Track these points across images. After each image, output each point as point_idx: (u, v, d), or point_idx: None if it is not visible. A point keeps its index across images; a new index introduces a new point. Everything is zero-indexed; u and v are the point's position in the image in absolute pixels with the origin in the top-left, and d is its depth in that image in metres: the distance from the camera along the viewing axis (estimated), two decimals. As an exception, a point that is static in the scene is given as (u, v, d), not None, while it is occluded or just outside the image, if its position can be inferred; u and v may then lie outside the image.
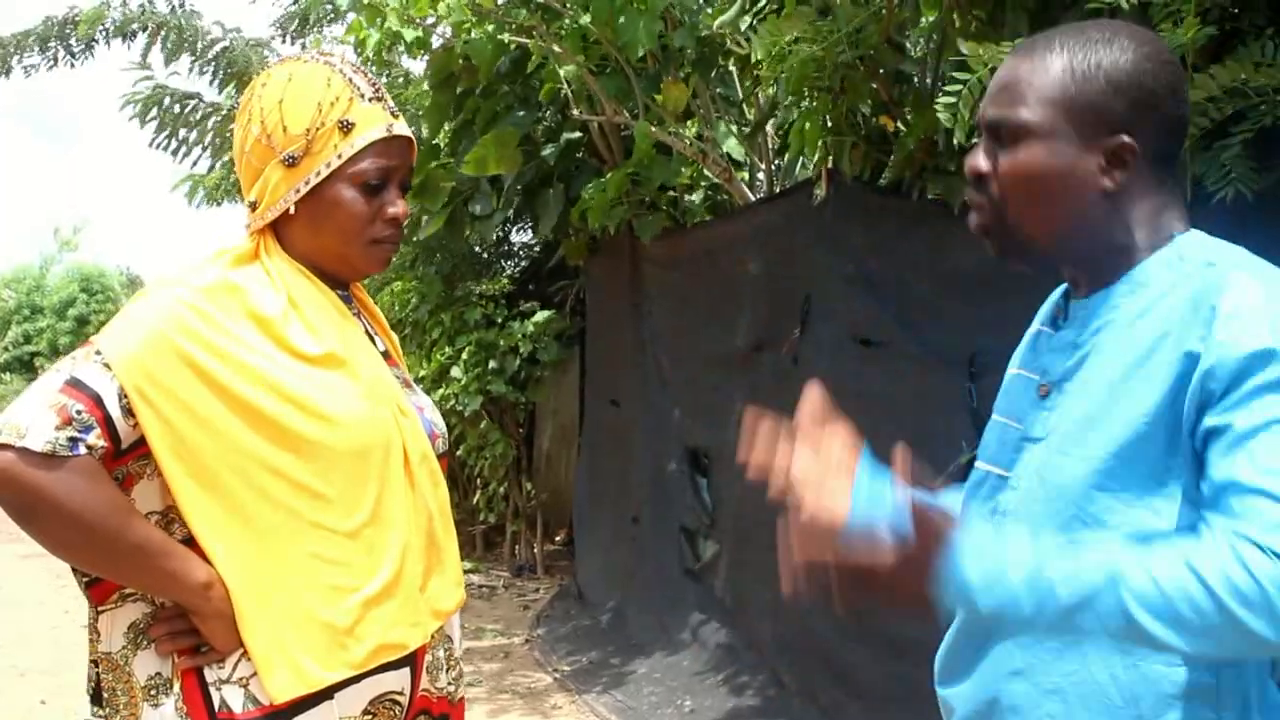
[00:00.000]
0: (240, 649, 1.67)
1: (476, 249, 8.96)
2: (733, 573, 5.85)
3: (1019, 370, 1.59)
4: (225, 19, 10.33)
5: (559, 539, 9.51)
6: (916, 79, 4.63)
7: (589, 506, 7.74)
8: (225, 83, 9.06)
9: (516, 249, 9.80)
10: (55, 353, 25.87)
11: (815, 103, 4.62)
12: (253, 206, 1.79)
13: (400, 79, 8.49)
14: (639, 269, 6.94)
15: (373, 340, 1.89)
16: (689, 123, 6.31)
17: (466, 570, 8.70)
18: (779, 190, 6.20)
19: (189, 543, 1.67)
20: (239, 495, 1.65)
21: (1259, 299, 1.32)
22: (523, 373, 8.29)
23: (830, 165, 4.82)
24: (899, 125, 4.50)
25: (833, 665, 4.79)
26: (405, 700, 1.79)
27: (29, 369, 27.01)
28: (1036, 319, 1.63)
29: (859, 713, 4.60)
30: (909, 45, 4.81)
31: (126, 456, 1.64)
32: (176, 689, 1.68)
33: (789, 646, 5.15)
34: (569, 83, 5.90)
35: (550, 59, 5.89)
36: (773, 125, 6.15)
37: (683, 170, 6.32)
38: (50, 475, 1.55)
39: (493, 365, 8.20)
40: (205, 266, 1.76)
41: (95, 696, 1.74)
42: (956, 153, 3.97)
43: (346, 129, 1.75)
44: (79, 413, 1.58)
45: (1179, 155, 1.52)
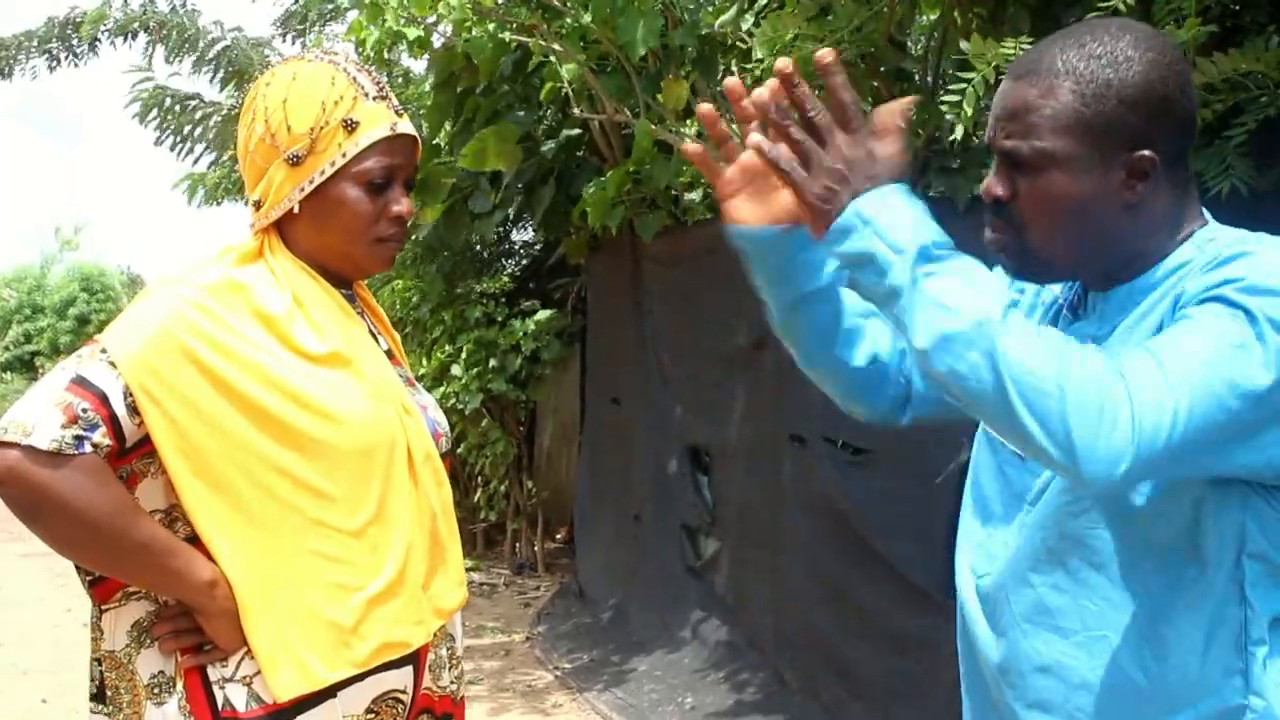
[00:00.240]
0: (244, 647, 1.67)
1: (477, 247, 8.96)
2: (734, 570, 5.86)
3: None
4: (225, 18, 10.30)
5: (560, 537, 9.51)
6: (917, 76, 4.64)
7: (590, 504, 7.74)
8: (226, 82, 9.06)
9: (517, 247, 9.79)
10: (56, 352, 25.87)
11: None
12: (257, 205, 1.79)
13: (400, 78, 8.49)
14: (640, 267, 6.94)
15: (376, 339, 1.89)
16: (689, 121, 6.31)
17: (467, 568, 8.65)
18: (779, 188, 6.18)
19: (193, 541, 1.67)
20: (243, 494, 1.65)
21: (1260, 255, 1.34)
22: (523, 371, 8.28)
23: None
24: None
25: (834, 662, 4.79)
26: (408, 699, 1.79)
27: (29, 368, 27.01)
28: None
29: (860, 710, 4.60)
30: (910, 43, 4.81)
31: (131, 455, 1.64)
32: (180, 687, 1.68)
33: (790, 643, 5.15)
34: (569, 81, 5.89)
35: (551, 58, 5.89)
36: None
37: (683, 168, 6.31)
38: (56, 473, 1.55)
39: (493, 363, 8.20)
40: (210, 265, 1.76)
41: (98, 695, 1.74)
42: (960, 149, 3.97)
43: (351, 128, 1.75)
44: (85, 411, 1.58)
45: (1190, 148, 1.52)
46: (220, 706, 1.67)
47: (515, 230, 9.41)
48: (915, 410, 1.74)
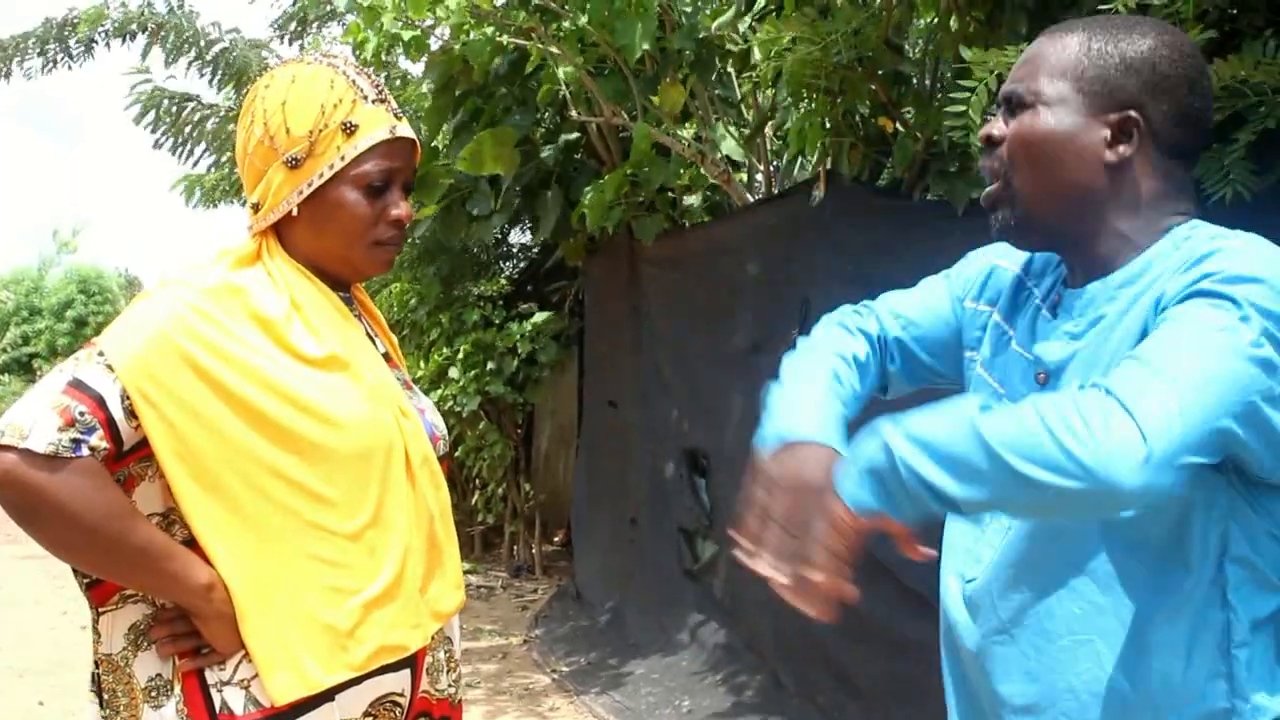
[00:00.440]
0: (241, 651, 1.67)
1: (475, 250, 8.96)
2: (731, 573, 5.85)
3: (1019, 349, 1.59)
4: (223, 19, 10.30)
5: (557, 540, 9.51)
6: (915, 80, 4.64)
7: (587, 507, 7.74)
8: (224, 83, 9.05)
9: (515, 250, 9.79)
10: (54, 354, 25.87)
11: (814, 104, 4.62)
12: (255, 208, 1.79)
13: (399, 80, 8.48)
14: (637, 270, 6.94)
15: (374, 342, 1.89)
16: (687, 124, 6.31)
17: (465, 571, 8.66)
18: (777, 191, 6.20)
19: (190, 544, 1.67)
20: (241, 497, 1.65)
21: (1234, 250, 1.36)
22: (521, 373, 8.28)
23: (829, 166, 4.83)
24: (898, 126, 4.50)
25: (831, 665, 4.79)
26: (405, 702, 1.79)
27: (27, 370, 27.00)
28: (1008, 259, 1.67)
29: (858, 712, 4.60)
30: (907, 46, 4.81)
31: (129, 458, 1.64)
32: (177, 690, 1.68)
33: (788, 647, 5.15)
34: (567, 84, 5.89)
35: (548, 61, 5.89)
36: (771, 127, 6.16)
37: (681, 171, 6.32)
38: (53, 477, 1.55)
39: (491, 366, 8.20)
40: (207, 268, 1.75)
41: (97, 698, 1.74)
42: (958, 154, 3.97)
43: (350, 131, 1.75)
44: (82, 414, 1.58)
45: (1195, 153, 1.54)
46: (218, 709, 1.66)
47: (513, 233, 9.40)
48: (894, 390, 1.83)
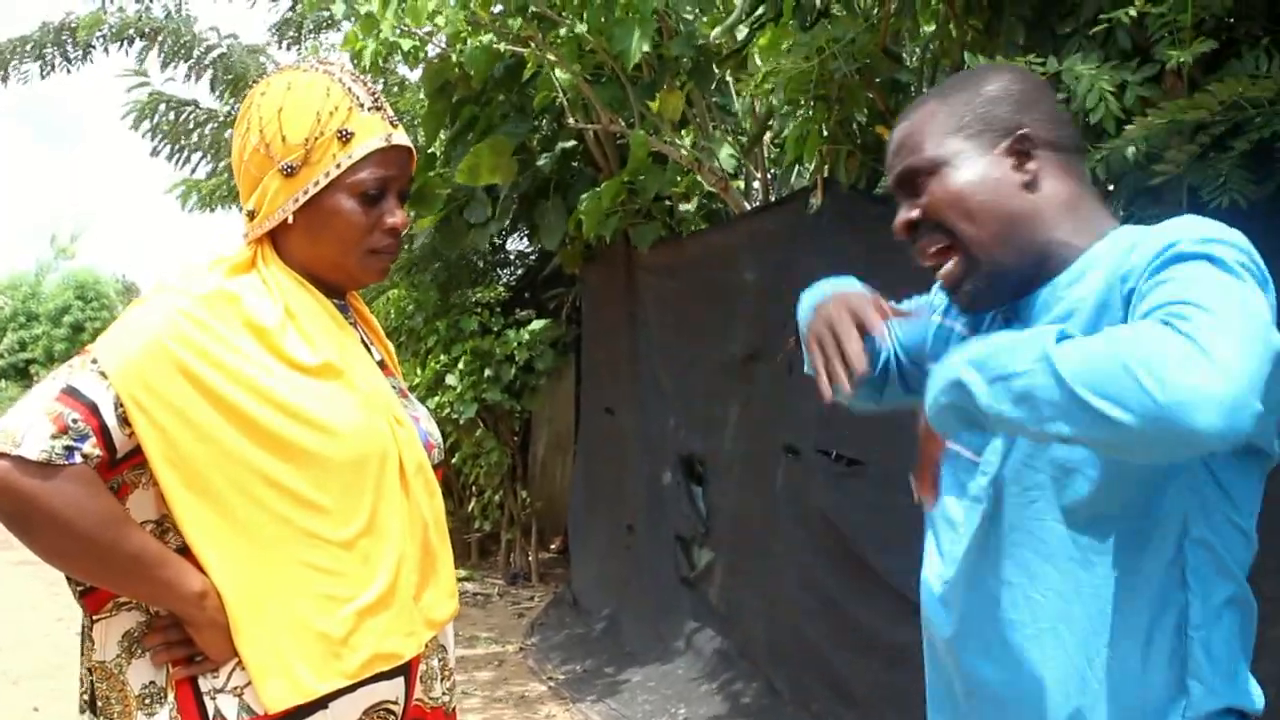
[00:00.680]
0: (235, 658, 1.67)
1: (472, 257, 8.96)
2: (727, 581, 5.85)
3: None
4: (222, 25, 10.31)
5: (554, 547, 9.50)
6: (913, 87, 4.64)
7: (584, 514, 7.74)
8: (222, 89, 9.06)
9: (512, 257, 9.80)
10: (51, 360, 25.87)
11: (812, 111, 4.63)
12: (251, 215, 1.79)
13: (395, 87, 8.49)
14: (634, 277, 6.95)
15: (369, 350, 1.89)
16: (684, 131, 6.32)
17: (461, 578, 8.68)
18: (775, 199, 6.20)
19: (183, 552, 1.66)
20: (234, 505, 1.64)
21: (1181, 222, 1.39)
22: (518, 381, 8.28)
23: (826, 174, 4.83)
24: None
25: (826, 673, 4.79)
26: (399, 710, 1.79)
27: (24, 376, 27.00)
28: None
29: (853, 721, 4.60)
30: (905, 55, 4.82)
31: (122, 465, 1.64)
32: (171, 698, 1.68)
33: (783, 654, 5.14)
34: (564, 91, 5.90)
35: (545, 68, 5.89)
36: (769, 135, 6.17)
37: (678, 179, 6.32)
38: (45, 484, 1.55)
39: (488, 373, 8.19)
40: (202, 275, 1.75)
41: (91, 705, 1.73)
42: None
43: (345, 139, 1.75)
44: (75, 421, 1.57)
45: (1080, 150, 1.62)
46: (211, 717, 1.66)
47: (510, 240, 9.41)
48: (888, 399, 1.90)
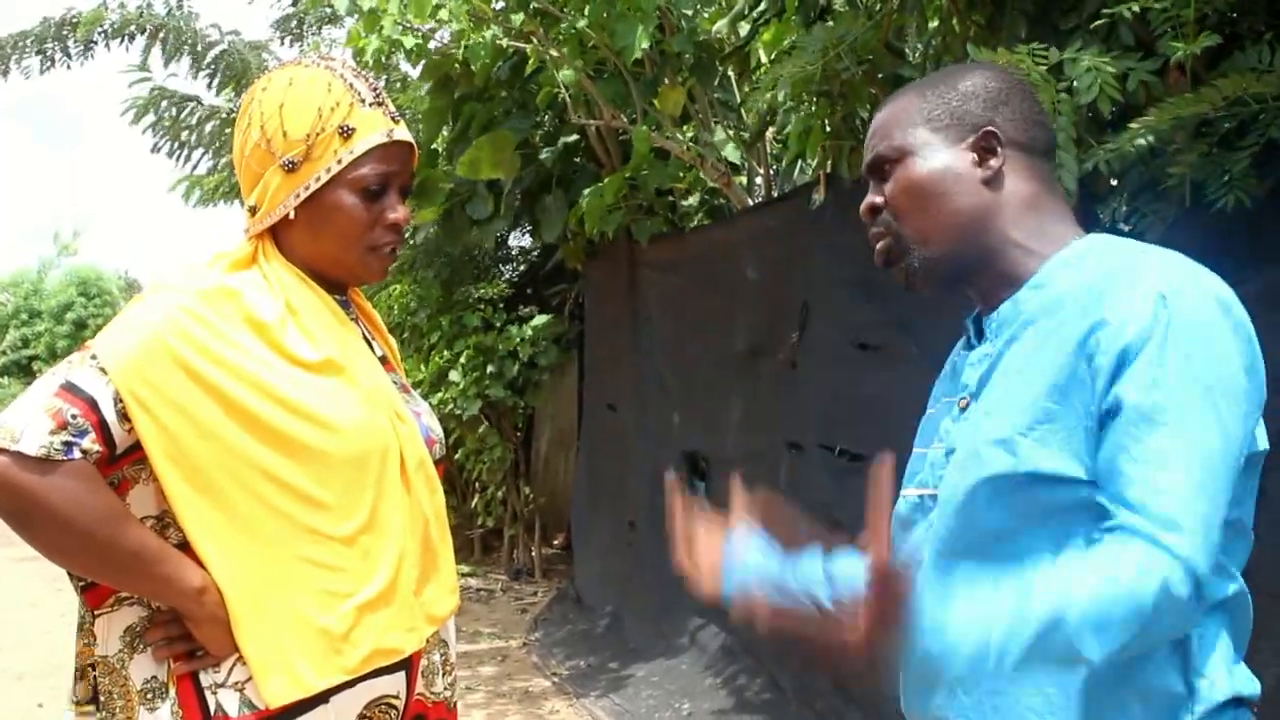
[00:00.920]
0: (236, 654, 1.67)
1: (475, 253, 8.96)
2: (730, 577, 5.84)
3: (942, 399, 1.63)
4: (223, 21, 10.31)
5: (557, 543, 9.51)
6: (915, 83, 4.63)
7: (587, 510, 7.74)
8: (224, 85, 9.05)
9: (515, 253, 9.80)
10: (53, 356, 25.86)
11: (814, 107, 4.62)
12: (252, 211, 1.79)
13: (398, 83, 8.49)
14: (637, 273, 6.94)
15: (370, 345, 1.89)
16: (686, 127, 6.31)
17: (464, 574, 8.70)
18: (777, 195, 6.20)
19: (184, 548, 1.66)
20: (235, 500, 1.64)
21: (1155, 278, 1.37)
22: (521, 377, 8.28)
23: (829, 169, 4.82)
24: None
25: (830, 671, 4.78)
26: (401, 705, 1.79)
27: (27, 372, 27.01)
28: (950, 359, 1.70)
29: (856, 717, 4.59)
30: (908, 50, 4.81)
31: (122, 461, 1.64)
32: (172, 693, 1.68)
33: (786, 651, 5.14)
34: (567, 87, 5.90)
35: (548, 64, 5.89)
36: (771, 130, 6.16)
37: (680, 175, 6.32)
38: (44, 480, 1.55)
39: (491, 369, 8.20)
40: (203, 271, 1.75)
41: (93, 699, 1.73)
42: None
43: (347, 134, 1.74)
44: (74, 417, 1.57)
45: (1050, 153, 1.61)
46: (213, 712, 1.66)
47: (513, 236, 9.41)
48: None
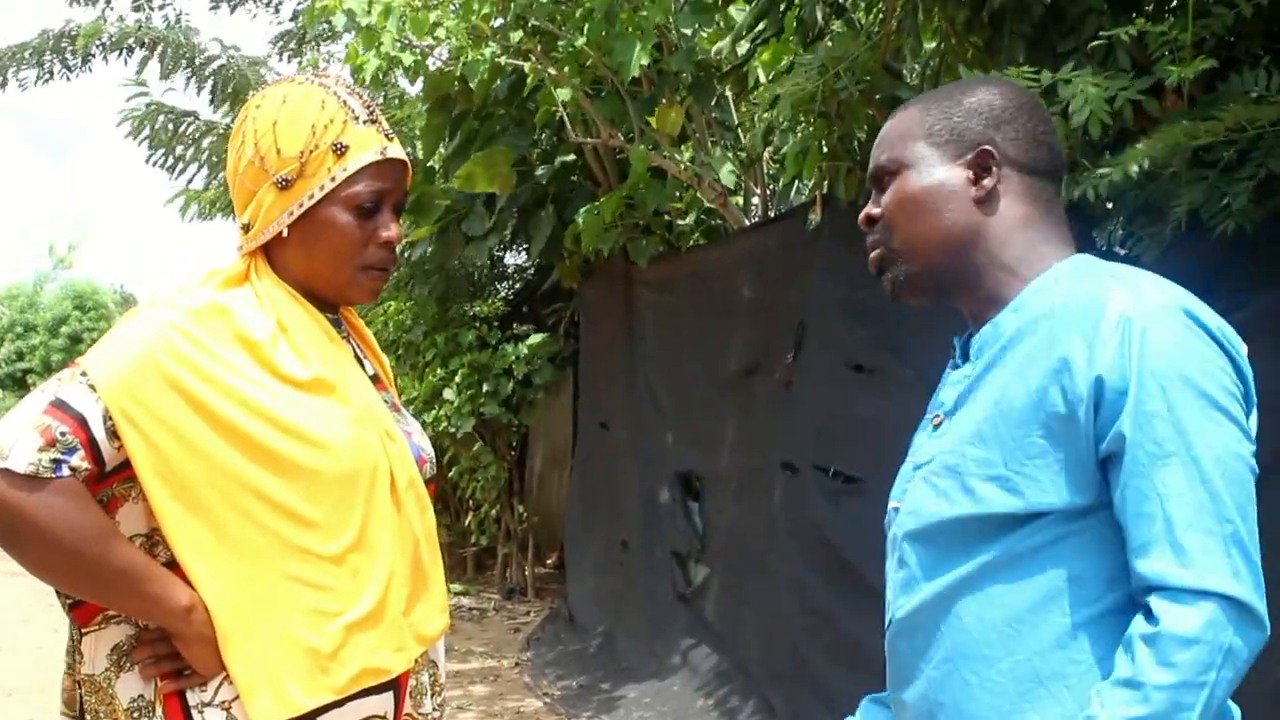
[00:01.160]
0: (223, 672, 1.66)
1: (470, 270, 8.97)
2: (723, 597, 5.83)
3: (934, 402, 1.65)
4: (223, 37, 10.33)
5: (550, 562, 9.49)
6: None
7: (581, 529, 7.72)
8: (222, 100, 9.06)
9: (511, 271, 9.80)
10: (48, 370, 25.81)
11: (812, 128, 4.63)
12: (245, 228, 1.78)
13: (396, 99, 8.50)
14: (632, 292, 6.94)
15: (362, 364, 1.88)
16: (683, 147, 6.32)
17: (457, 592, 8.68)
18: (773, 215, 6.20)
19: (172, 566, 1.65)
20: (223, 519, 1.63)
21: (1119, 300, 1.38)
22: (516, 395, 8.28)
23: (825, 190, 4.83)
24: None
25: (822, 692, 4.76)
26: (389, 725, 1.78)
27: (21, 386, 26.94)
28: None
29: (849, 740, 4.57)
30: (905, 71, 4.82)
31: (111, 479, 1.63)
32: (159, 712, 1.67)
33: (779, 672, 5.12)
34: (564, 106, 5.91)
35: (546, 82, 5.90)
36: (769, 151, 6.17)
37: (677, 194, 6.33)
38: (32, 497, 1.54)
39: (486, 387, 8.19)
40: (195, 288, 1.75)
41: (79, 717, 1.72)
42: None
43: (340, 152, 1.74)
44: (63, 434, 1.56)
45: (1057, 171, 1.60)
46: (199, 731, 1.65)
47: (508, 254, 9.42)
48: None
